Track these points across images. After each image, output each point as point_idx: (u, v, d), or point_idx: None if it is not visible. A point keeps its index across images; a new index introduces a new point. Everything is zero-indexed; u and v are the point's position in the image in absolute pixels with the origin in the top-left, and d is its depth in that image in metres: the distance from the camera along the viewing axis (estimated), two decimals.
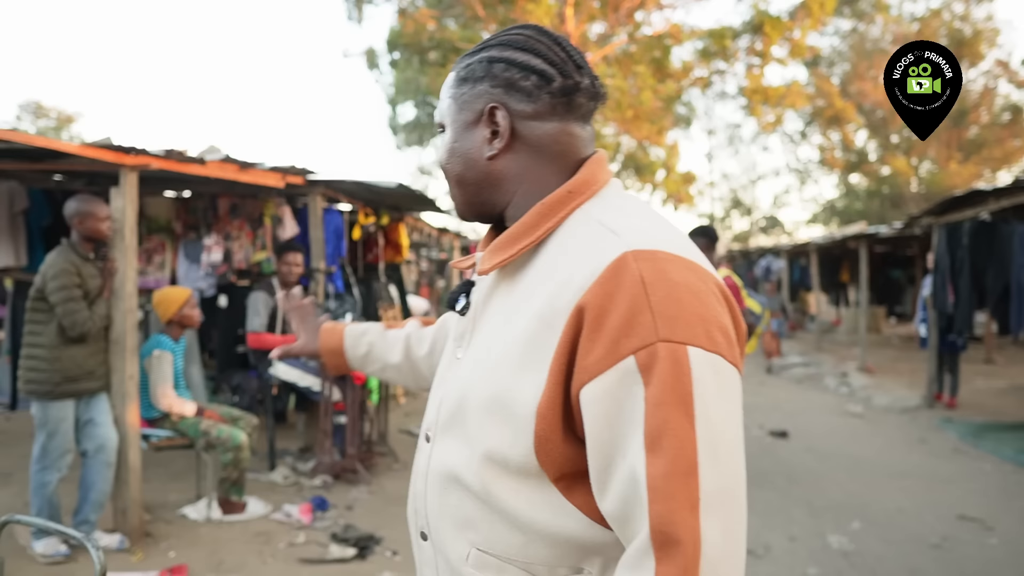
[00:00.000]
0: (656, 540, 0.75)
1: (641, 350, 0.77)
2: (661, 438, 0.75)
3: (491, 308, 0.96)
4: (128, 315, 3.83)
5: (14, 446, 5.69)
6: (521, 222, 0.93)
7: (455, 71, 1.00)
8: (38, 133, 27.38)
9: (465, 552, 0.91)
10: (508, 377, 0.87)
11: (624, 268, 0.80)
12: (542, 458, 0.84)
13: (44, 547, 3.57)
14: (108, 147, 3.70)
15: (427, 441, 1.00)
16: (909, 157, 24.24)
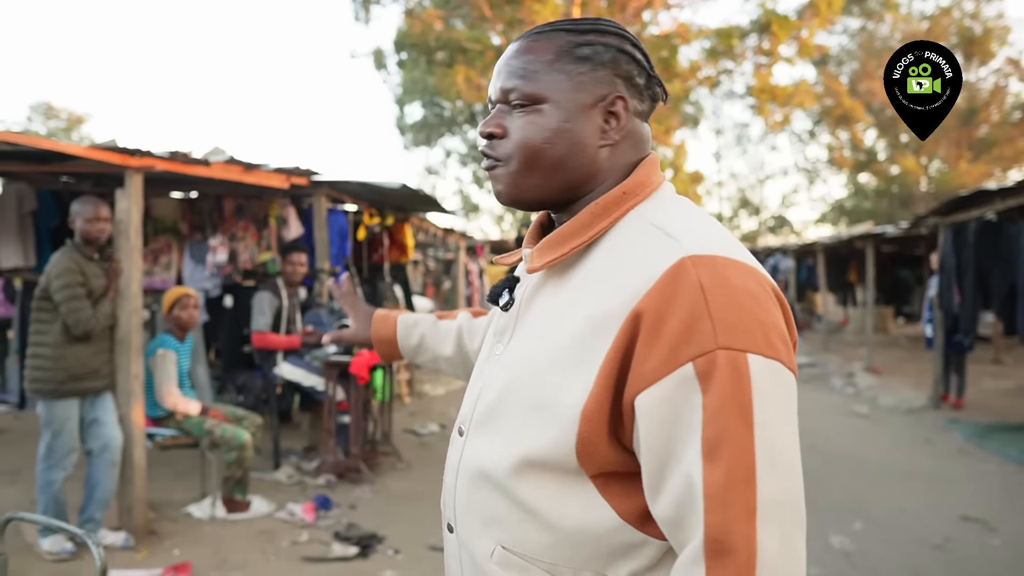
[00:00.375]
0: (709, 548, 0.75)
1: (700, 357, 0.77)
2: (719, 446, 0.75)
3: (536, 306, 0.95)
4: (133, 315, 3.87)
5: (22, 444, 5.74)
6: (574, 221, 0.92)
7: (564, 45, 0.92)
8: (48, 134, 27.62)
9: (490, 549, 0.91)
10: (553, 377, 0.86)
11: (683, 274, 0.80)
12: (583, 459, 0.84)
13: (50, 544, 3.61)
14: (113, 149, 3.74)
15: (460, 435, 0.99)
16: (919, 156, 24.13)
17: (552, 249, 0.92)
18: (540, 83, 0.91)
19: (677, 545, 0.81)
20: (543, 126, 0.91)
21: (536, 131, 0.91)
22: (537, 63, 0.92)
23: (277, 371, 5.19)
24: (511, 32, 15.88)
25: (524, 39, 0.95)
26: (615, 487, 0.86)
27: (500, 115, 0.95)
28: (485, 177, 22.08)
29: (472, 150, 23.71)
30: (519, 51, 0.94)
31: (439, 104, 20.88)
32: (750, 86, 18.05)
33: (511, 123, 0.94)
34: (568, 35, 0.93)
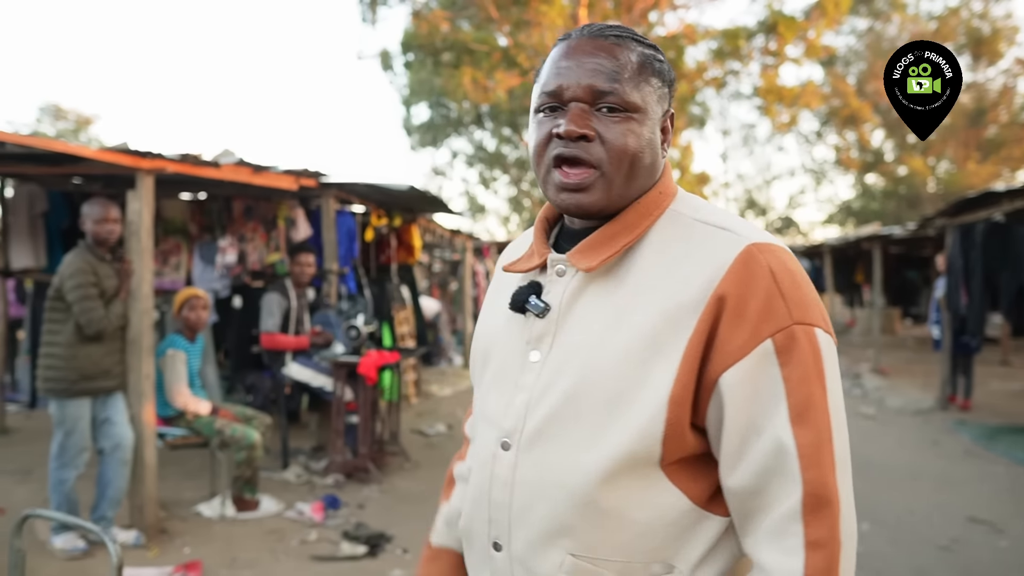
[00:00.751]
0: (808, 503, 0.82)
1: (778, 333, 0.84)
2: (807, 411, 0.83)
3: (584, 307, 0.94)
4: (145, 315, 3.91)
5: (34, 443, 5.79)
6: (620, 221, 0.94)
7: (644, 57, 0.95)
8: (57, 135, 27.75)
9: (559, 560, 0.90)
10: (631, 371, 0.88)
11: (753, 260, 0.87)
12: (668, 446, 0.87)
13: (63, 542, 3.65)
14: (125, 151, 3.78)
15: (505, 449, 0.95)
16: (926, 157, 24.05)
17: (599, 250, 0.93)
18: (637, 92, 0.93)
19: (749, 513, 0.87)
20: (640, 135, 0.93)
21: (635, 140, 0.92)
22: (629, 70, 0.93)
23: (286, 371, 5.22)
24: (517, 33, 15.90)
25: (601, 38, 0.94)
26: (684, 472, 0.90)
27: (586, 116, 0.92)
28: (492, 178, 21.96)
29: (478, 151, 23.74)
30: (603, 51, 0.93)
31: (445, 105, 20.91)
32: (757, 87, 18.02)
33: (602, 127, 0.92)
34: (639, 46, 0.96)
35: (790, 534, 0.83)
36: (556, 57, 0.96)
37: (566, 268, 0.97)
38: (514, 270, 1.02)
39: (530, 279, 1.01)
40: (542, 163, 0.96)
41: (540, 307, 0.97)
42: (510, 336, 1.01)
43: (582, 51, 0.93)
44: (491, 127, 21.97)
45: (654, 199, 0.96)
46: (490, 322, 1.09)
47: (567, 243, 1.01)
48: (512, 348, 1.00)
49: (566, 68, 0.93)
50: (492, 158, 23.68)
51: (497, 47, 16.18)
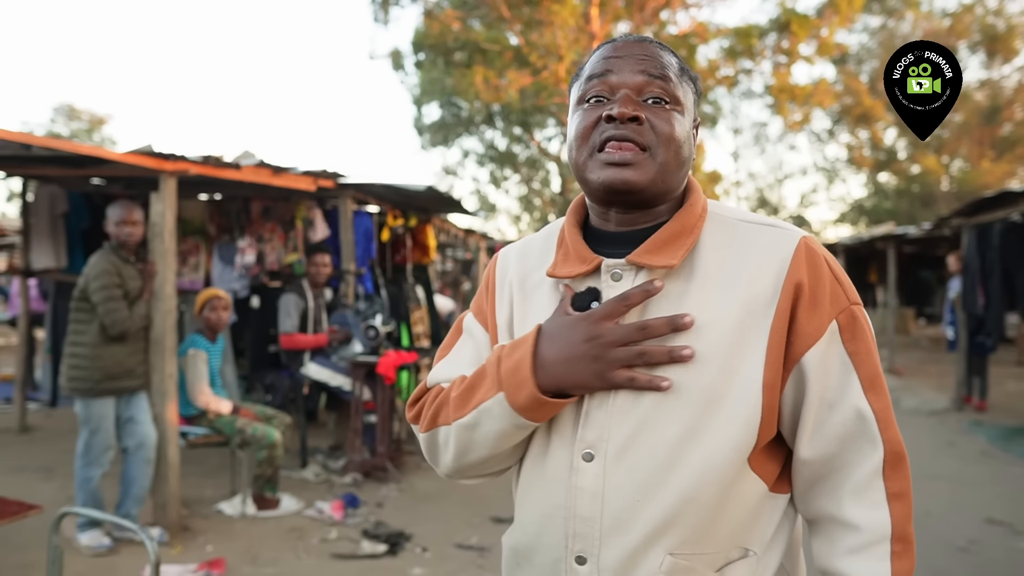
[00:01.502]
0: (890, 459, 0.94)
1: (841, 313, 0.95)
2: (876, 380, 0.96)
3: (655, 310, 0.96)
4: (167, 315, 3.96)
5: (55, 442, 5.87)
6: (679, 223, 0.99)
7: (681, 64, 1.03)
8: (71, 135, 27.97)
9: (659, 560, 0.92)
10: (723, 366, 0.92)
11: (811, 251, 0.96)
12: (762, 432, 0.93)
13: (89, 539, 3.70)
14: (149, 154, 3.83)
15: (588, 460, 0.95)
16: (940, 155, 23.89)
17: (669, 249, 0.97)
18: (680, 88, 1.00)
19: (820, 478, 0.97)
20: (684, 126, 1.00)
21: (680, 129, 0.99)
22: (672, 69, 1.00)
23: (304, 371, 5.26)
24: (529, 32, 15.90)
25: (647, 42, 1.01)
26: (760, 458, 0.97)
27: (635, 102, 0.97)
28: (503, 177, 21.94)
29: (489, 150, 23.74)
30: (648, 50, 1.00)
31: (456, 104, 20.93)
32: (769, 85, 17.96)
33: (651, 114, 0.97)
34: (674, 57, 1.03)
35: (872, 490, 0.94)
36: (604, 53, 1.02)
37: (623, 272, 0.98)
38: (559, 276, 1.01)
39: (585, 285, 1.00)
40: (586, 145, 0.98)
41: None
42: None
43: (630, 49, 1.00)
44: (502, 126, 21.97)
45: (703, 204, 1.03)
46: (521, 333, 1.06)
47: (604, 248, 1.02)
48: None
49: (615, 60, 1.00)
50: (503, 157, 23.67)
51: (509, 46, 16.19)
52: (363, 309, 5.40)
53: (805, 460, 0.97)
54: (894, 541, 0.93)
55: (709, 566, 0.93)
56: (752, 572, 0.96)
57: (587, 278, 1.01)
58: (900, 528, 0.93)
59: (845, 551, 0.94)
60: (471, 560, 3.75)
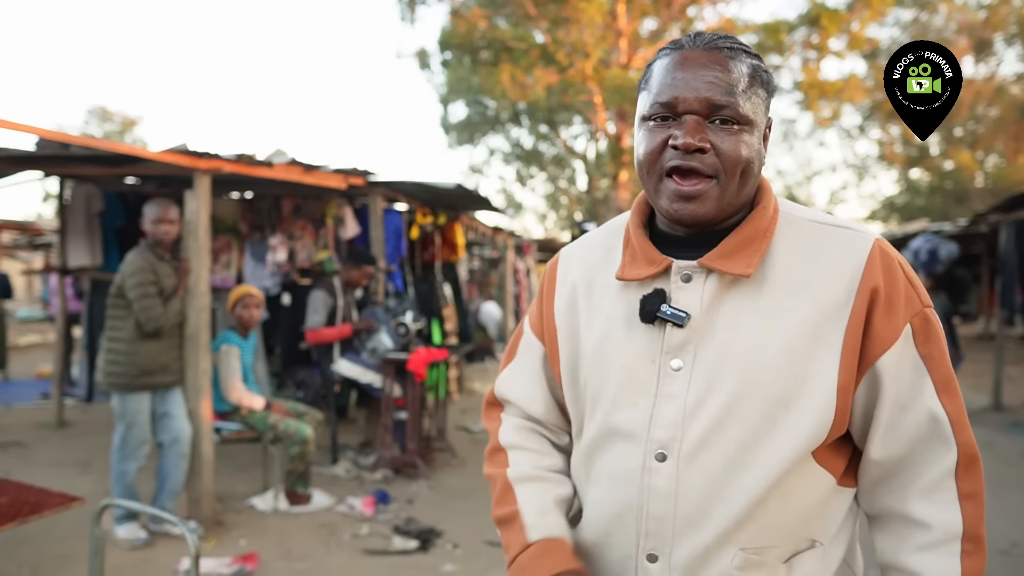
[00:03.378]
0: (964, 460, 0.94)
1: (914, 317, 0.95)
2: (949, 382, 0.95)
3: (728, 313, 0.96)
4: (201, 312, 4.00)
5: (92, 436, 5.97)
6: (752, 226, 0.98)
7: (752, 69, 0.97)
8: (104, 136, 28.47)
9: (731, 557, 0.94)
10: (797, 369, 0.93)
11: (885, 254, 0.96)
12: (834, 432, 0.94)
13: (125, 532, 3.75)
14: (184, 152, 3.87)
15: (660, 460, 0.96)
16: (974, 151, 23.40)
17: (743, 254, 0.96)
18: (748, 104, 0.96)
19: (894, 475, 0.97)
20: (751, 146, 0.96)
21: (748, 151, 0.95)
22: (741, 83, 0.95)
23: (335, 368, 5.29)
24: (555, 30, 15.86)
25: (716, 50, 0.96)
26: (827, 452, 0.97)
27: (701, 126, 0.94)
28: (529, 175, 21.90)
29: (515, 148, 23.73)
30: (717, 64, 0.95)
31: (483, 103, 20.94)
32: (798, 81, 17.72)
33: (717, 139, 0.94)
34: (748, 57, 0.98)
35: (944, 489, 0.94)
36: (669, 67, 0.97)
37: (693, 274, 0.98)
38: (628, 278, 1.01)
39: (652, 287, 1.00)
40: (654, 171, 0.98)
41: (682, 316, 0.96)
42: (633, 346, 1.01)
43: (696, 62, 0.95)
44: (528, 125, 21.94)
45: (775, 207, 1.01)
46: (588, 335, 1.06)
47: (673, 250, 1.01)
48: (640, 358, 1.00)
49: (681, 80, 0.95)
50: (529, 155, 23.64)
51: (535, 44, 16.15)
52: (393, 306, 5.42)
53: (876, 460, 0.97)
54: (965, 540, 0.93)
55: (779, 558, 0.96)
56: (819, 562, 0.98)
57: (655, 280, 1.01)
58: (972, 528, 0.93)
59: (914, 548, 0.95)
60: (501, 557, 3.73)
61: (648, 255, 1.01)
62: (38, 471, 4.93)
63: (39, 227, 10.90)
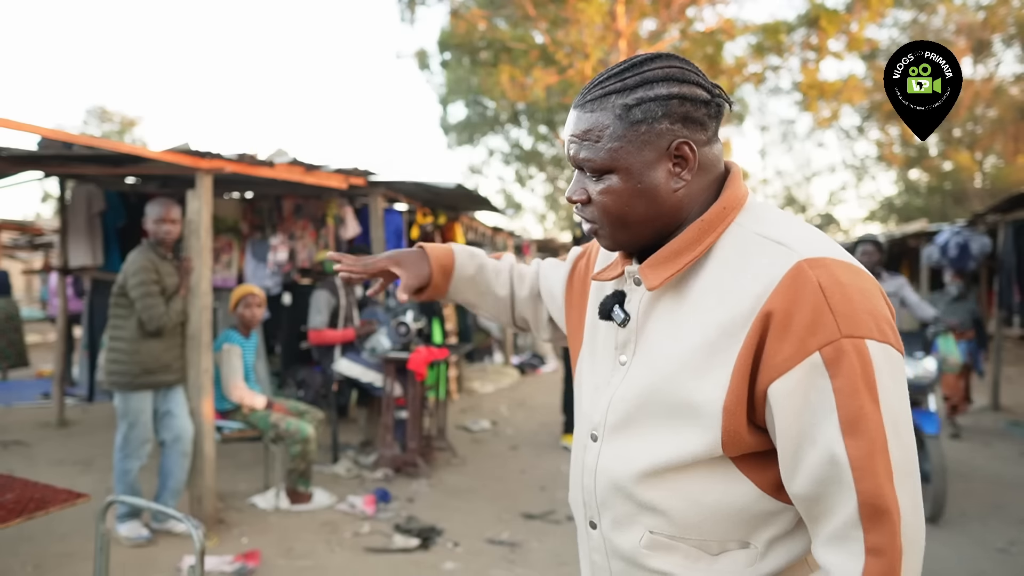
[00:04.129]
0: (865, 512, 0.85)
1: (827, 346, 0.86)
2: (858, 422, 0.85)
3: (655, 319, 1.02)
4: (203, 312, 4.02)
5: (93, 435, 5.99)
6: (682, 238, 0.99)
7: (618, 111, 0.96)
8: (103, 137, 28.45)
9: (639, 536, 1.01)
10: (691, 381, 0.95)
11: (802, 275, 0.89)
12: (728, 449, 0.94)
13: (128, 530, 3.77)
14: (186, 152, 3.89)
15: (593, 440, 1.07)
16: (973, 151, 23.43)
17: (664, 266, 0.99)
18: (607, 154, 0.96)
19: (814, 518, 0.92)
20: (619, 193, 0.98)
21: (613, 199, 0.98)
22: (598, 134, 0.97)
23: (336, 367, 5.31)
24: (555, 31, 15.87)
25: (578, 109, 1.00)
26: (753, 462, 0.96)
27: (581, 181, 1.02)
28: (528, 176, 21.90)
29: (515, 149, 23.76)
30: (578, 122, 0.99)
31: (482, 103, 20.96)
32: (797, 82, 17.74)
33: (591, 189, 1.00)
34: (618, 96, 0.95)
35: (851, 539, 0.87)
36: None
37: (641, 279, 1.04)
38: (599, 279, 1.11)
39: (615, 287, 1.10)
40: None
41: (621, 317, 1.05)
42: (604, 339, 1.11)
43: (570, 125, 1.01)
44: (527, 125, 21.97)
45: (717, 214, 0.98)
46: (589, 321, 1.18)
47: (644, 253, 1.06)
48: (605, 349, 1.10)
49: (566, 141, 1.03)
50: (528, 156, 23.67)
51: (535, 45, 16.17)
52: (394, 306, 5.43)
53: (794, 494, 0.93)
54: None
55: (701, 548, 0.98)
56: (750, 562, 0.98)
57: (621, 281, 1.09)
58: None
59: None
60: (502, 555, 3.76)
61: (621, 258, 1.09)
62: (39, 470, 4.94)
63: (39, 227, 10.92)
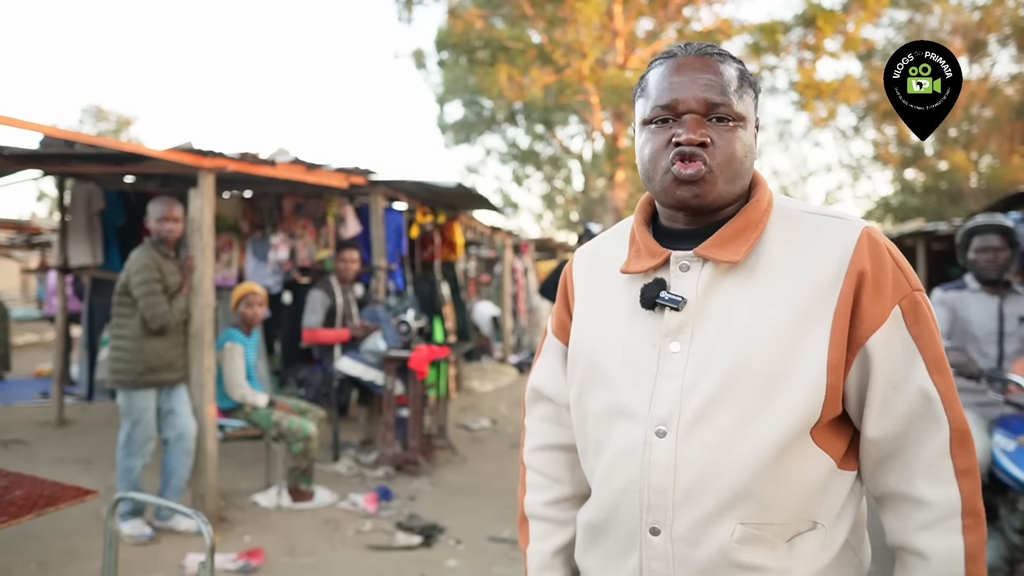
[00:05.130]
0: (957, 437, 0.98)
1: (903, 299, 1.00)
2: (939, 361, 0.99)
3: (722, 297, 1.03)
4: (206, 310, 4.02)
5: (93, 435, 5.99)
6: (744, 217, 1.05)
7: (740, 72, 1.06)
8: (99, 136, 28.37)
9: (730, 530, 0.98)
10: (788, 347, 0.98)
11: (874, 241, 1.01)
12: (826, 409, 0.98)
13: (131, 528, 3.78)
14: (188, 151, 3.90)
15: (660, 436, 1.01)
16: (969, 151, 23.52)
17: (737, 241, 1.03)
18: (742, 103, 1.05)
19: (889, 456, 1.01)
20: (746, 142, 1.05)
21: (742, 146, 1.04)
22: (733, 84, 1.04)
23: (337, 366, 5.32)
24: (552, 30, 15.89)
25: (705, 56, 1.05)
26: (826, 435, 1.02)
27: (701, 123, 1.02)
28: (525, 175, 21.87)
29: (512, 148, 23.76)
30: (709, 68, 1.04)
31: (479, 103, 20.96)
32: (794, 82, 17.79)
33: (715, 134, 1.02)
34: (735, 62, 1.07)
35: (941, 467, 0.97)
36: (665, 73, 1.06)
37: (690, 264, 1.05)
38: (632, 271, 1.09)
39: (653, 277, 1.08)
40: (658, 167, 1.05)
41: (678, 300, 1.03)
42: (635, 332, 1.08)
43: (691, 67, 1.04)
44: (524, 124, 21.98)
45: (764, 197, 1.07)
46: (593, 323, 1.14)
47: (674, 243, 1.09)
48: (641, 342, 1.07)
49: (679, 83, 1.04)
50: (525, 155, 23.66)
51: (532, 44, 16.18)
52: (394, 305, 5.45)
53: (873, 439, 1.01)
54: (965, 515, 0.96)
55: (779, 536, 0.99)
56: (821, 544, 1.01)
57: (657, 271, 1.08)
58: (970, 503, 0.97)
59: (918, 527, 0.99)
60: (504, 553, 3.78)
61: (651, 249, 1.09)
62: (40, 469, 4.94)
63: (36, 226, 10.89)
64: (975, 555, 0.96)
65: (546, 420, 1.28)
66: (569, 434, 1.25)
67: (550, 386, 1.27)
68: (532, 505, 1.26)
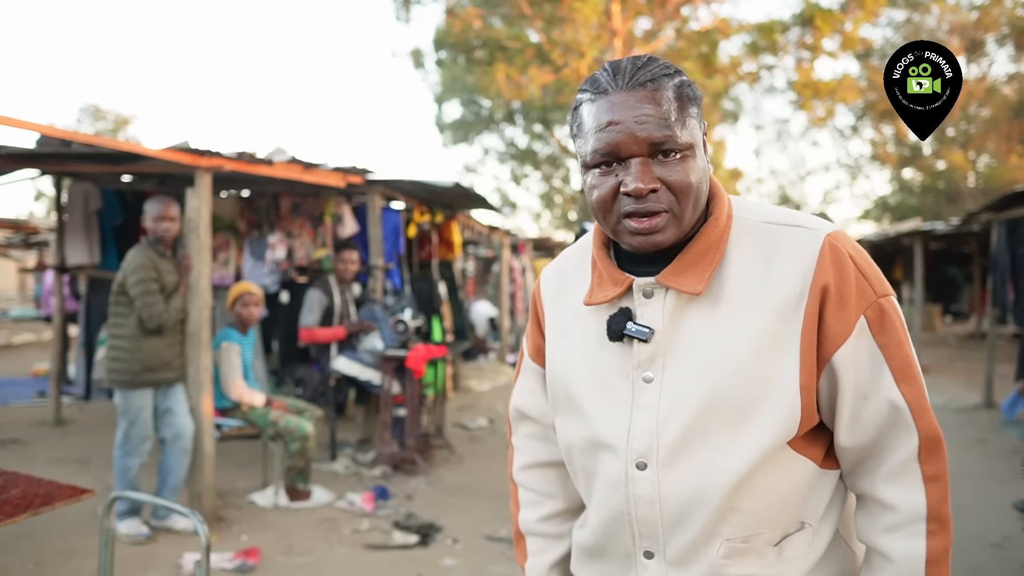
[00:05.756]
0: (926, 445, 0.97)
1: (868, 308, 0.97)
2: (907, 369, 0.98)
3: (688, 324, 1.00)
4: (203, 309, 4.03)
5: (90, 434, 5.99)
6: (704, 240, 1.00)
7: (677, 90, 0.97)
8: (97, 135, 28.34)
9: (716, 549, 0.99)
10: (760, 370, 0.96)
11: (836, 250, 0.98)
12: (803, 425, 0.98)
13: (127, 528, 3.78)
14: (185, 150, 3.90)
15: (641, 469, 1.01)
16: (966, 151, 23.57)
17: (697, 268, 0.99)
18: (686, 130, 0.96)
19: (864, 460, 1.01)
20: (698, 167, 0.98)
21: (695, 174, 0.97)
22: (673, 112, 0.95)
23: (334, 365, 5.32)
24: (550, 30, 15.89)
25: (639, 88, 0.95)
26: (804, 441, 1.01)
27: (647, 168, 0.95)
28: (523, 175, 21.88)
29: (510, 147, 23.78)
30: (645, 101, 0.94)
31: (477, 102, 20.98)
32: (792, 81, 17.82)
33: (664, 172, 0.95)
34: (669, 79, 0.97)
35: (909, 473, 0.97)
36: (598, 113, 0.97)
37: (654, 290, 1.01)
38: (595, 303, 1.05)
39: (618, 306, 1.04)
40: (611, 216, 0.99)
41: (646, 332, 1.00)
42: (606, 363, 1.05)
43: (625, 105, 0.95)
44: (523, 124, 22.01)
45: (728, 213, 1.03)
46: (564, 355, 1.12)
47: (635, 265, 1.05)
48: (614, 373, 1.04)
49: (616, 127, 0.95)
50: (523, 155, 23.71)
51: (530, 44, 16.20)
52: (391, 304, 5.45)
53: (845, 447, 1.01)
54: (930, 520, 0.97)
55: (767, 543, 1.00)
56: (809, 542, 1.02)
57: (621, 299, 1.05)
58: (936, 508, 0.97)
59: (884, 529, 0.99)
60: (501, 552, 3.78)
61: (612, 276, 1.05)
62: (37, 468, 4.94)
63: (33, 225, 10.88)
64: (936, 560, 0.97)
65: (533, 438, 1.28)
66: (557, 451, 1.24)
67: (533, 408, 1.26)
68: (527, 522, 1.27)
